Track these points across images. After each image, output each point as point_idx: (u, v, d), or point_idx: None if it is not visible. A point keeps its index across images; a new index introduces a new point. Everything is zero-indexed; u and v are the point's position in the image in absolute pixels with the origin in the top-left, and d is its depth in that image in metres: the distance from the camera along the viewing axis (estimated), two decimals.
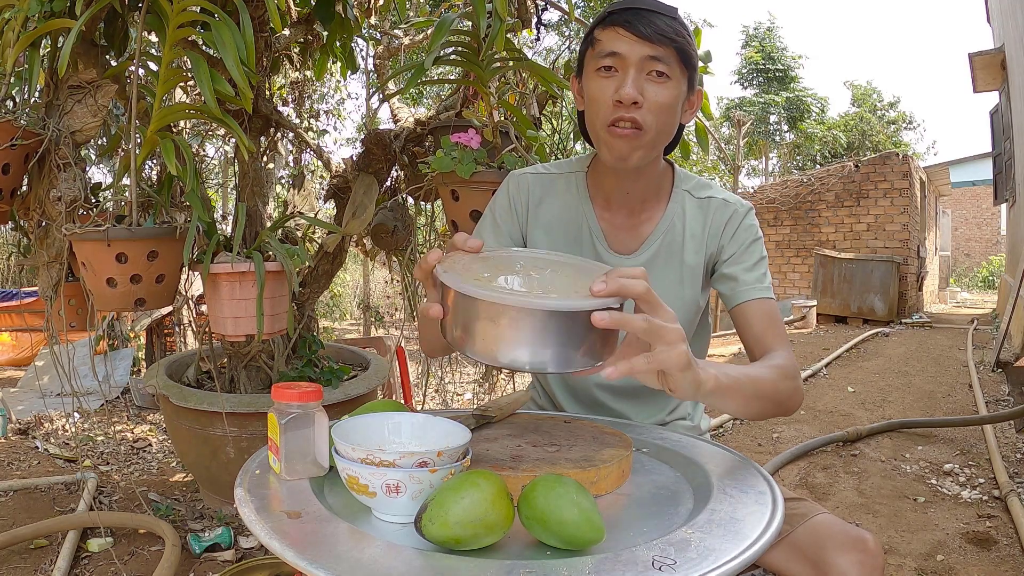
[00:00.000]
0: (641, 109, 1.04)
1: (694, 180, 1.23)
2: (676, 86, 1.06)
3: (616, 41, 1.04)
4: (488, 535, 0.70)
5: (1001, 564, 2.20)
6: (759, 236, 1.19)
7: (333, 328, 8.84)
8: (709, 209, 1.19)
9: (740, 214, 1.19)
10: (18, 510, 2.43)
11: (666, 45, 1.03)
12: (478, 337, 0.71)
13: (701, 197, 1.20)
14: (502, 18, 1.78)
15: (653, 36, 1.02)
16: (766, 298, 1.14)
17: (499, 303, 0.69)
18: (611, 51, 1.04)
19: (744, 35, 18.52)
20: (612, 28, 1.04)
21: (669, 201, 1.20)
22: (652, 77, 1.04)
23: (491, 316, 0.70)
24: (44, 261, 1.95)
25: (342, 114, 7.41)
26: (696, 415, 1.34)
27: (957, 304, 13.97)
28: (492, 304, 0.69)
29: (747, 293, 1.14)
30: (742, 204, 1.20)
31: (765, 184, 11.07)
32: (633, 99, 1.03)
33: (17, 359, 5.73)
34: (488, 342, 0.71)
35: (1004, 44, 7.48)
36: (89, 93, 1.87)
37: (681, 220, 1.19)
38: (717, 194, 1.21)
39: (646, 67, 1.03)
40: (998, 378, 5.03)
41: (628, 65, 1.03)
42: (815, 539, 0.94)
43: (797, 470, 3.10)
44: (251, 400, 2.38)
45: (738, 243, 1.17)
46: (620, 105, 1.04)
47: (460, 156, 1.84)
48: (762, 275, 1.16)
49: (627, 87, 1.02)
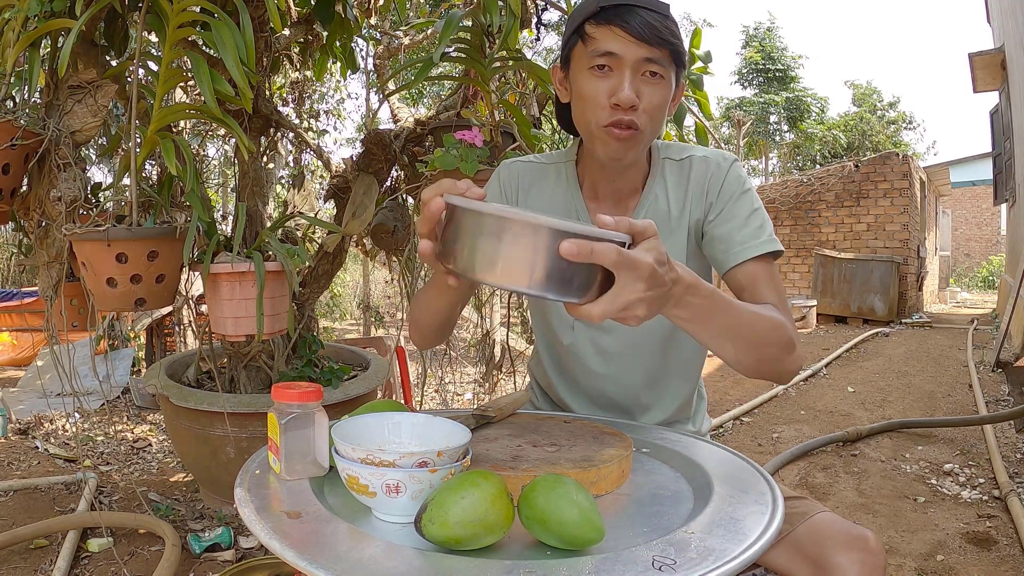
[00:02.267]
0: (637, 111, 1.04)
1: (675, 146, 1.19)
2: (668, 85, 1.05)
3: (612, 41, 1.02)
4: (488, 535, 0.70)
5: (1001, 564, 2.20)
6: (749, 187, 1.12)
7: (333, 328, 8.83)
8: (691, 168, 1.15)
9: (723, 167, 1.13)
10: (18, 510, 2.43)
11: (662, 47, 1.02)
12: (479, 254, 0.72)
13: (681, 158, 1.17)
14: (516, 14, 1.77)
15: (651, 38, 1.01)
16: (765, 255, 1.06)
17: (507, 217, 0.70)
18: (607, 51, 1.03)
19: (744, 35, 18.52)
20: (607, 27, 1.03)
21: (650, 176, 1.17)
22: (647, 78, 1.03)
23: (496, 231, 0.71)
24: (44, 261, 1.95)
25: (342, 114, 7.41)
26: (697, 418, 1.34)
27: (957, 304, 13.97)
28: (499, 218, 0.70)
29: (738, 255, 1.07)
30: (724, 156, 1.14)
31: (765, 184, 11.07)
32: (632, 103, 1.02)
33: (17, 359, 5.73)
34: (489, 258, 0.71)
35: (1004, 44, 7.48)
36: (89, 93, 1.87)
37: (664, 190, 1.16)
38: (697, 152, 1.16)
39: (641, 68, 1.03)
40: (998, 378, 5.03)
41: (624, 66, 1.02)
42: (816, 538, 0.94)
43: (797, 470, 3.10)
44: (251, 400, 2.38)
45: (725, 197, 1.11)
46: (618, 108, 1.03)
47: (464, 154, 1.84)
48: (758, 228, 1.08)
49: (625, 90, 1.02)
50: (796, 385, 4.94)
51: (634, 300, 0.72)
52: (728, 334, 0.89)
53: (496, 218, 0.70)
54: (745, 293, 1.06)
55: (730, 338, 0.90)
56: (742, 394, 4.57)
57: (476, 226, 0.72)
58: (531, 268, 0.70)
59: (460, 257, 0.74)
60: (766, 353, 0.94)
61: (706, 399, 1.38)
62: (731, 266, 1.08)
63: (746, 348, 0.92)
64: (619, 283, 0.71)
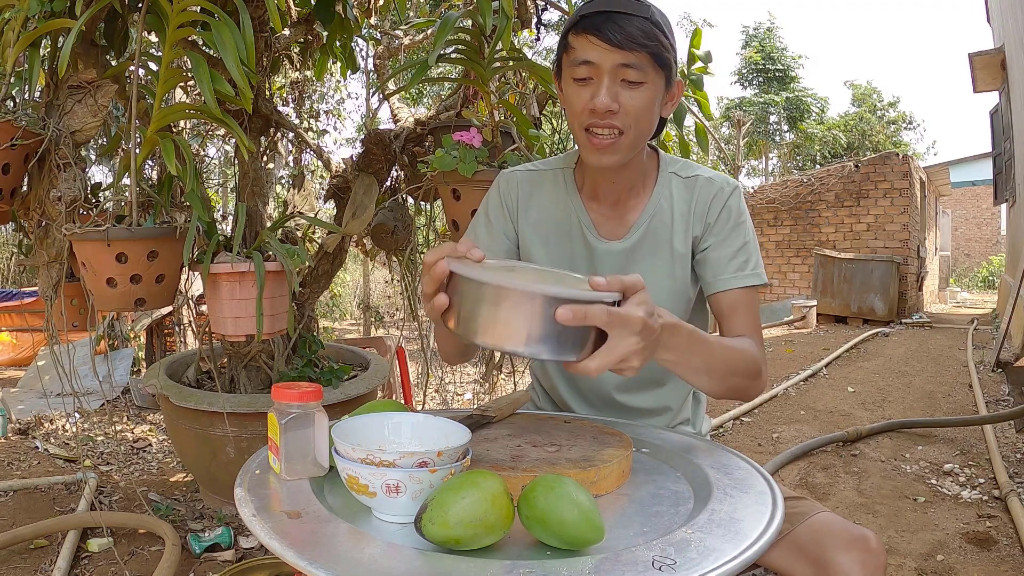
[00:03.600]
0: (617, 115, 1.05)
1: (681, 162, 1.23)
2: (651, 88, 1.06)
3: (588, 49, 1.03)
4: (488, 535, 0.70)
5: (1001, 564, 2.20)
6: (744, 219, 1.17)
7: (333, 328, 8.83)
8: (695, 187, 1.18)
9: (725, 192, 1.17)
10: (18, 510, 2.43)
11: (638, 51, 1.02)
12: (480, 320, 0.77)
13: (688, 176, 1.20)
14: (509, 16, 1.78)
15: (624, 43, 1.01)
16: (747, 287, 1.13)
17: (504, 286, 0.74)
18: (584, 60, 1.04)
19: (744, 35, 18.54)
20: (584, 35, 1.03)
21: (656, 185, 1.20)
22: (625, 85, 1.04)
23: (494, 299, 0.75)
24: (44, 261, 1.95)
25: (342, 114, 7.42)
26: (697, 418, 1.35)
27: (957, 304, 13.97)
28: (497, 288, 0.74)
29: (727, 282, 1.13)
30: (728, 182, 1.19)
31: (765, 184, 11.07)
32: (607, 108, 1.03)
33: (17, 359, 5.73)
34: (489, 325, 0.76)
35: (1004, 44, 7.48)
36: (89, 93, 1.87)
37: (669, 202, 1.19)
38: (704, 173, 1.20)
39: (619, 74, 1.03)
40: (998, 378, 5.03)
41: (602, 73, 1.03)
42: (816, 538, 0.94)
43: (797, 470, 3.10)
44: (251, 400, 2.38)
45: (723, 225, 1.16)
46: (595, 113, 1.05)
47: (462, 155, 1.84)
48: (744, 262, 1.14)
49: (601, 96, 1.03)
50: (796, 385, 4.94)
51: (628, 352, 0.78)
52: (705, 368, 0.97)
53: (494, 287, 0.75)
54: (724, 319, 1.14)
55: (706, 372, 0.98)
56: None
57: (476, 293, 0.76)
58: (528, 332, 0.75)
59: (460, 320, 0.78)
60: (735, 382, 1.03)
61: (705, 400, 1.39)
62: (716, 291, 1.14)
63: (719, 379, 1.00)
64: (613, 338, 0.77)
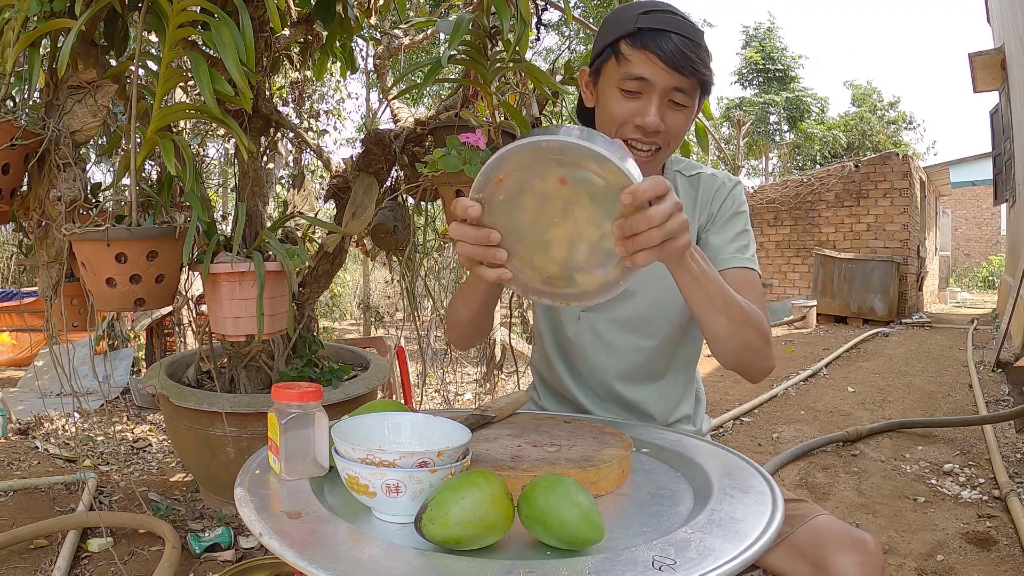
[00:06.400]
0: (660, 134, 1.07)
1: (685, 162, 1.27)
2: (692, 110, 1.10)
3: (645, 66, 1.04)
4: (488, 535, 0.70)
5: (1001, 564, 2.20)
6: (744, 210, 1.22)
7: (333, 328, 8.83)
8: (699, 183, 1.24)
9: (727, 186, 1.23)
10: (18, 510, 2.43)
11: (692, 76, 1.05)
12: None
13: (691, 175, 1.25)
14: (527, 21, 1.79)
15: (684, 68, 1.03)
16: (748, 267, 1.16)
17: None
18: (639, 76, 1.05)
19: (744, 35, 18.52)
20: (644, 51, 1.04)
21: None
22: (672, 105, 1.07)
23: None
24: (44, 261, 1.95)
25: (342, 114, 7.41)
26: (697, 418, 1.35)
27: (957, 304, 13.97)
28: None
29: (727, 261, 1.16)
30: (730, 178, 1.24)
31: (765, 184, 11.06)
32: (657, 128, 1.06)
33: (17, 359, 5.73)
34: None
35: (1004, 44, 7.48)
36: (89, 93, 1.87)
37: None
38: (706, 170, 1.26)
39: (669, 95, 1.06)
40: (998, 378, 5.02)
41: (654, 92, 1.05)
42: (815, 540, 0.94)
43: (797, 470, 3.10)
44: (251, 400, 2.38)
45: (724, 213, 1.21)
46: (640, 129, 1.07)
47: (467, 156, 1.84)
48: (744, 246, 1.18)
49: (651, 116, 1.05)
50: (796, 385, 4.94)
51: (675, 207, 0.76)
52: (723, 303, 0.96)
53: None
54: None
55: (724, 309, 0.96)
56: (742, 394, 4.57)
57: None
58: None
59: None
60: (748, 337, 1.00)
61: (706, 400, 1.39)
62: (719, 269, 1.14)
63: (735, 325, 0.98)
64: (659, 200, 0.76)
